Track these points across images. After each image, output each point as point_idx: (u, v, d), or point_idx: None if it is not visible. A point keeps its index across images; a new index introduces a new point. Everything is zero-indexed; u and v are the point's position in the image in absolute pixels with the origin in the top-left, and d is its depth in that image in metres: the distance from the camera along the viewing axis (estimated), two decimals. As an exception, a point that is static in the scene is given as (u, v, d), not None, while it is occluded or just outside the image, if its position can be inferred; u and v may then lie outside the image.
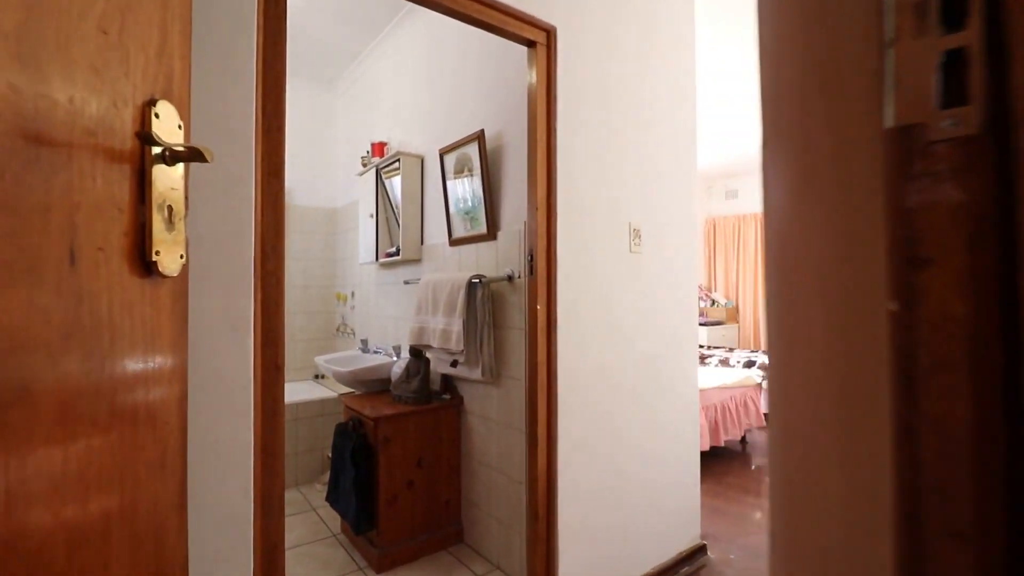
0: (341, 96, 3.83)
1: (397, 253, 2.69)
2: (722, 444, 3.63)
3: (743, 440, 3.99)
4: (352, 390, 2.71)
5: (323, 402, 3.14)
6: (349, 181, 3.57)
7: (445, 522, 2.28)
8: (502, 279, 2.03)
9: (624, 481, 1.95)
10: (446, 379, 2.39)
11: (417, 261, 2.69)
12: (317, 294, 3.79)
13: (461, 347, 2.03)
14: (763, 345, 6.59)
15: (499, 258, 2.09)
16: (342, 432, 2.32)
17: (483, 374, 2.06)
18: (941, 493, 0.31)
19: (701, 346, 6.00)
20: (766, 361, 3.69)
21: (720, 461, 3.60)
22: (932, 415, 0.31)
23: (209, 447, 1.09)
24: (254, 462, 1.15)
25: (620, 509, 1.93)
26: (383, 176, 2.87)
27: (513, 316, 2.01)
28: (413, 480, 2.20)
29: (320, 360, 2.80)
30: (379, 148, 2.90)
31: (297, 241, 3.70)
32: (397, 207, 2.75)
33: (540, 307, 1.71)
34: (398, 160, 2.66)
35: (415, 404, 2.27)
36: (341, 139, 3.83)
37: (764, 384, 4.70)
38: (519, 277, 1.97)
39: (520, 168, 1.98)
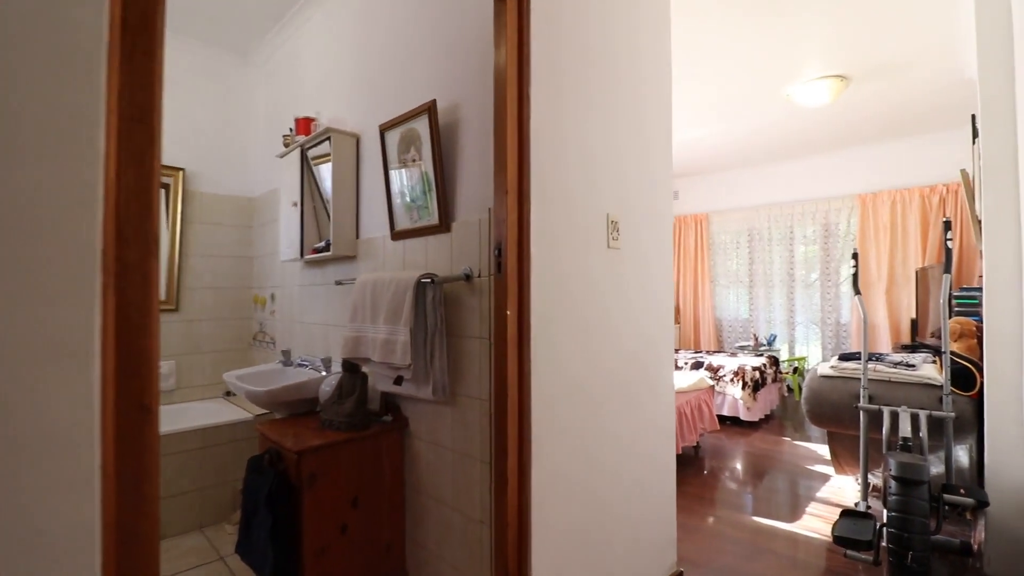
0: (261, 67, 3.32)
1: (327, 248, 2.27)
2: (679, 452, 3.48)
3: (696, 445, 3.87)
4: (271, 413, 2.27)
5: (236, 426, 2.64)
6: (269, 166, 3.08)
7: (387, 570, 1.91)
8: (458, 279, 1.69)
9: (604, 516, 1.68)
10: (388, 398, 2.01)
11: (352, 258, 2.29)
12: (230, 297, 3.26)
13: (407, 360, 1.68)
14: (703, 345, 6.64)
15: (454, 254, 1.76)
16: (256, 468, 1.88)
17: (434, 392, 1.71)
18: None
19: (646, 348, 5.91)
20: (713, 362, 3.59)
21: (677, 469, 3.44)
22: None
23: (21, 540, 0.68)
24: (103, 556, 0.75)
25: (599, 548, 1.65)
26: (310, 158, 2.44)
27: (471, 322, 1.68)
28: (347, 524, 1.81)
29: (230, 377, 2.32)
30: (304, 125, 2.47)
31: (205, 235, 3.15)
32: (327, 194, 2.34)
33: (510, 312, 1.39)
34: (328, 138, 2.25)
35: (349, 430, 1.87)
36: (260, 117, 3.32)
37: (716, 387, 4.64)
38: (479, 276, 1.64)
39: (480, 147, 1.65)
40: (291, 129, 2.59)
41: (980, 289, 3.93)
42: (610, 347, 1.73)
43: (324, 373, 2.24)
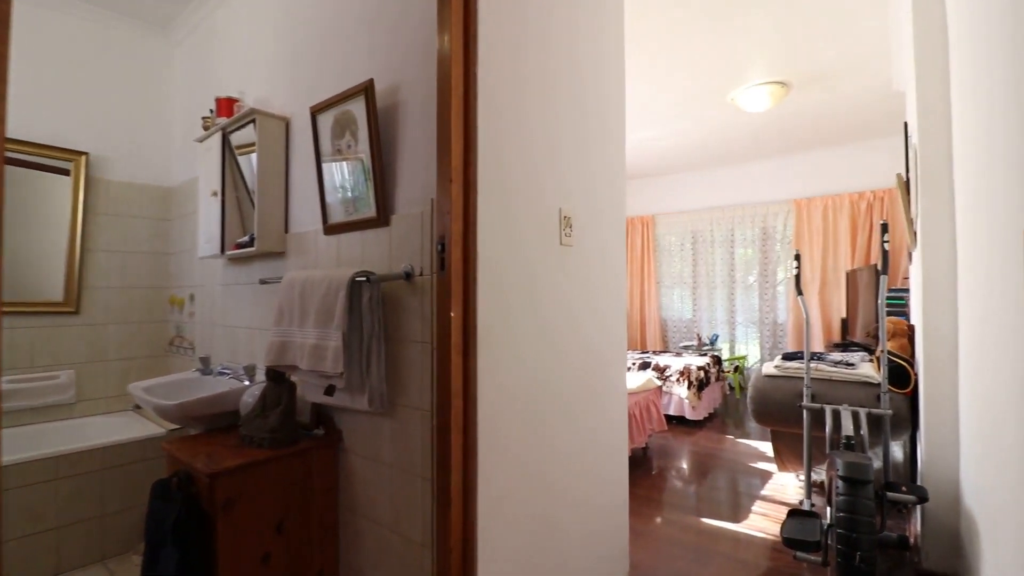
0: (180, 43, 3.00)
1: (251, 243, 2.04)
2: (629, 454, 3.44)
3: (645, 446, 3.86)
4: (185, 429, 2.01)
5: (145, 443, 2.35)
6: (189, 152, 2.78)
7: (317, 601, 1.71)
8: (397, 277, 1.53)
9: (556, 532, 1.56)
10: (319, 409, 1.82)
11: (280, 254, 2.07)
12: (142, 298, 2.92)
13: (340, 368, 1.50)
14: (650, 345, 6.73)
15: (393, 250, 1.59)
16: (161, 493, 1.64)
17: (371, 403, 1.54)
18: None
19: (595, 349, 5.91)
20: (660, 362, 3.57)
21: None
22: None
23: None
24: None
25: (551, 570, 1.54)
26: (233, 144, 2.19)
27: (412, 325, 1.52)
28: (270, 552, 1.61)
29: (136, 389, 2.04)
30: (226, 106, 2.22)
31: (113, 228, 2.81)
32: (252, 183, 2.10)
33: (454, 313, 1.25)
34: (252, 121, 2.02)
35: (273, 447, 1.67)
36: (180, 99, 3.01)
37: (664, 387, 4.67)
38: (421, 274, 1.49)
39: (423, 133, 1.50)
40: (212, 111, 2.33)
41: (907, 290, 4.15)
42: (564, 350, 1.62)
43: (247, 383, 2.01)
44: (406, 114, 1.58)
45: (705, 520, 2.74)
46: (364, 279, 1.53)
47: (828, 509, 2.19)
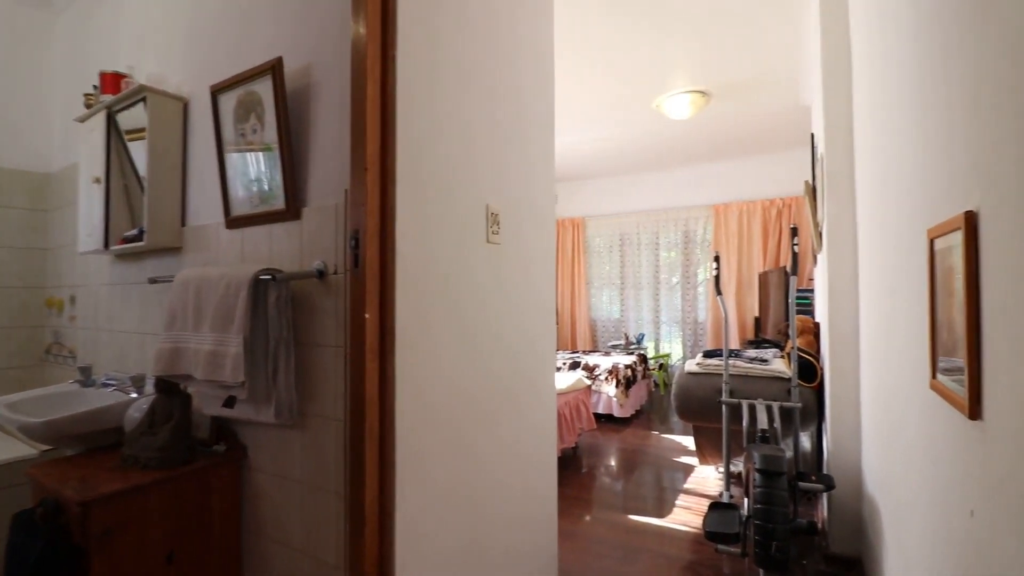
0: (63, 11, 2.64)
1: (140, 237, 1.81)
2: (559, 455, 3.44)
3: (575, 446, 3.88)
4: (59, 450, 1.75)
5: (11, 466, 2.02)
6: (69, 134, 2.45)
7: (217, 637, 1.53)
8: (309, 275, 1.40)
9: (483, 547, 1.49)
10: (221, 423, 1.63)
11: (175, 250, 1.85)
12: (13, 300, 2.54)
13: (240, 377, 1.34)
14: (580, 345, 6.83)
15: (305, 245, 1.46)
16: (24, 526, 1.40)
17: (278, 414, 1.40)
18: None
19: (526, 350, 5.92)
20: (589, 361, 3.61)
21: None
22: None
23: None
24: None
25: (476, 580, 1.47)
26: (122, 125, 1.94)
27: (326, 328, 1.39)
28: (159, 587, 1.41)
29: (-5, 405, 1.75)
30: (112, 82, 1.96)
31: (-29, 218, 2.42)
32: (144, 170, 1.87)
33: (369, 314, 1.15)
34: (143, 99, 1.79)
35: (162, 467, 1.47)
36: (60, 73, 2.65)
37: (593, 385, 4.73)
38: (335, 272, 1.37)
39: (339, 118, 1.38)
40: (96, 87, 2.05)
41: (811, 290, 4.47)
42: (491, 353, 1.55)
43: (135, 395, 1.78)
44: (320, 98, 1.45)
45: (632, 517, 2.78)
46: (270, 277, 1.38)
47: (746, 500, 2.27)
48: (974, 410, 0.69)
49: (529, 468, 1.77)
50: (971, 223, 0.71)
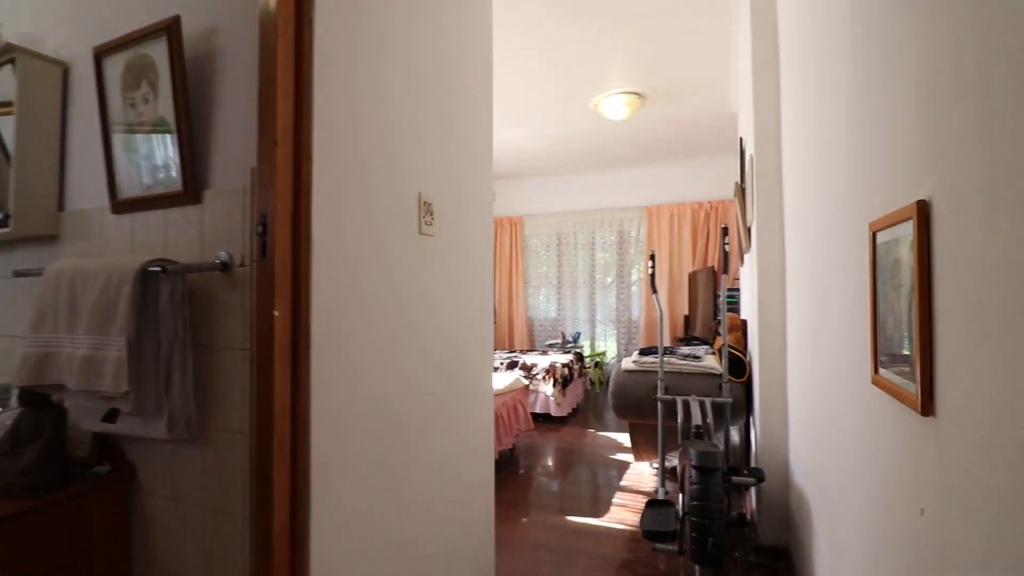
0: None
1: (5, 223, 1.53)
2: (496, 457, 3.36)
3: (512, 447, 3.82)
4: None
5: None
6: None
7: None
8: (210, 267, 1.22)
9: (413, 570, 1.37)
10: (105, 440, 1.40)
11: (50, 239, 1.58)
12: None
13: (124, 386, 1.14)
14: (518, 345, 6.79)
15: (206, 233, 1.27)
16: None
17: (172, 428, 1.20)
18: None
19: (463, 350, 5.79)
20: (527, 361, 3.55)
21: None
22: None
23: None
24: None
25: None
26: (-19, 90, 1.63)
27: (231, 329, 1.22)
28: (18, 641, 1.18)
29: None
30: (-30, 38, 1.65)
31: None
32: (7, 144, 1.58)
33: (280, 312, 1.00)
34: (12, 61, 1.52)
35: (30, 494, 1.24)
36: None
37: (531, 385, 4.69)
38: (243, 264, 1.20)
39: (247, 89, 1.21)
40: (-51, 44, 1.72)
41: (738, 289, 4.67)
42: (422, 354, 1.43)
43: (-5, 409, 1.50)
44: (226, 67, 1.27)
45: (570, 518, 2.74)
46: (159, 269, 1.19)
47: (681, 496, 2.29)
48: (927, 406, 0.67)
49: (461, 485, 1.66)
50: (923, 212, 0.68)
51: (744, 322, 3.36)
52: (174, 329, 1.20)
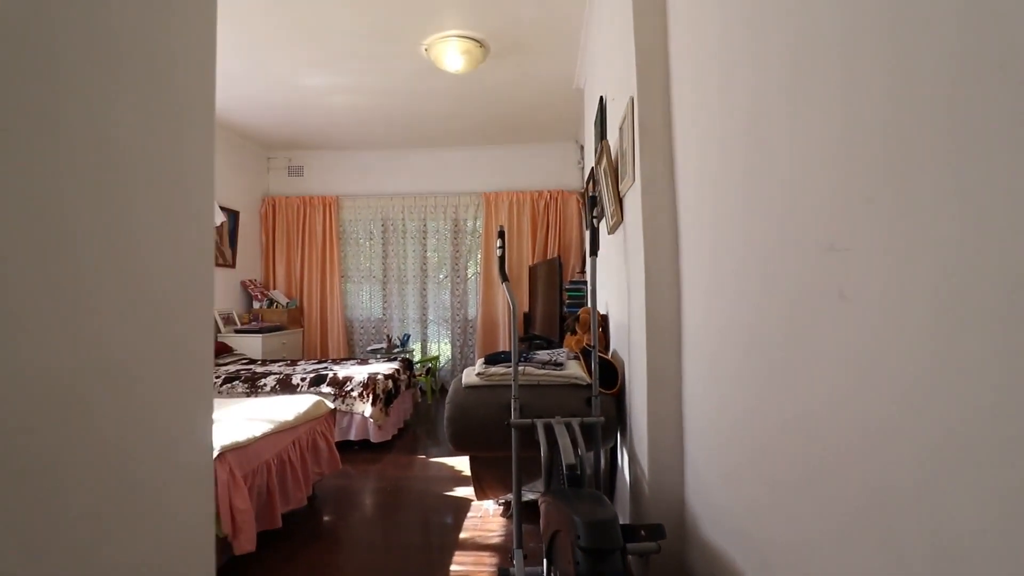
0: None
1: None
2: (279, 524, 2.29)
3: (312, 495, 2.76)
4: None
5: None
6: None
7: None
8: None
9: None
10: None
11: None
12: None
13: None
14: (332, 352, 5.61)
15: None
16: None
17: None
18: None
19: (253, 362, 4.45)
20: (340, 373, 2.50)
21: (277, 544, 2.24)
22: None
23: None
24: None
25: None
26: None
27: None
28: None
29: None
30: None
31: None
32: None
33: None
34: None
35: None
36: None
37: (342, 406, 3.64)
38: None
39: None
40: None
41: (584, 282, 4.25)
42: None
43: None
44: None
45: (388, 614, 1.86)
46: None
47: (544, 564, 1.58)
48: None
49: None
50: None
51: (605, 317, 2.84)
52: None
